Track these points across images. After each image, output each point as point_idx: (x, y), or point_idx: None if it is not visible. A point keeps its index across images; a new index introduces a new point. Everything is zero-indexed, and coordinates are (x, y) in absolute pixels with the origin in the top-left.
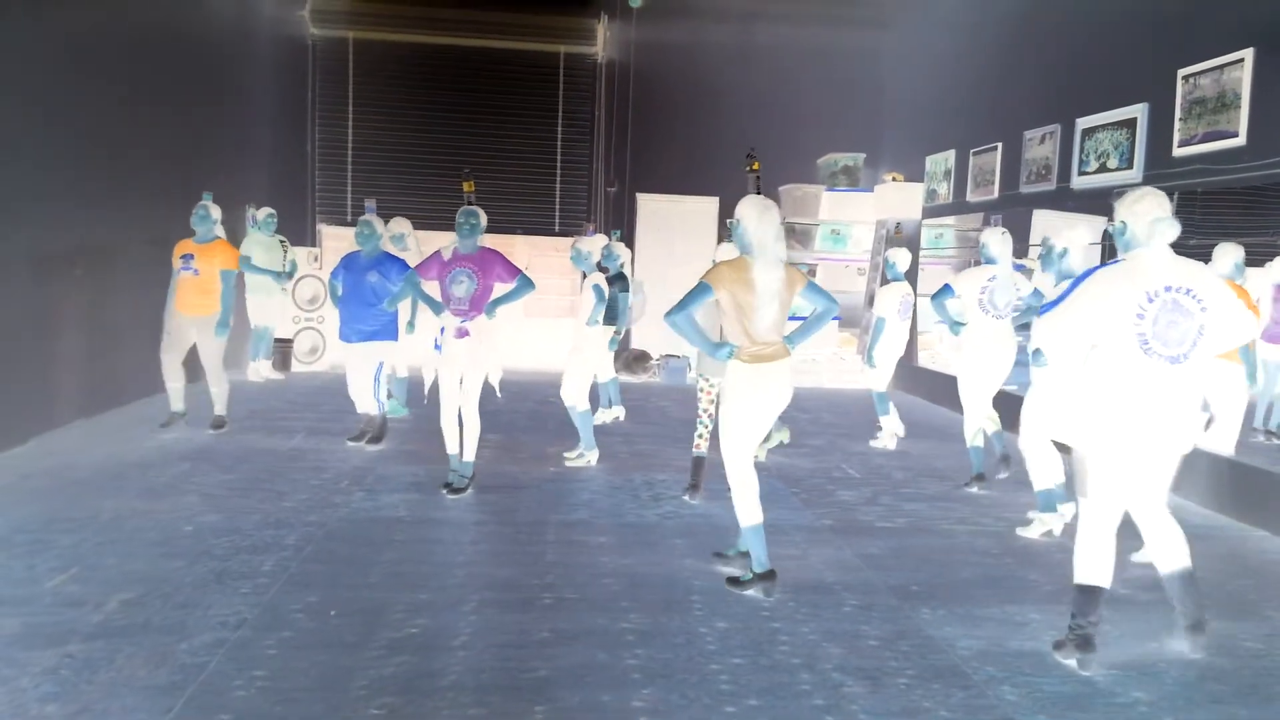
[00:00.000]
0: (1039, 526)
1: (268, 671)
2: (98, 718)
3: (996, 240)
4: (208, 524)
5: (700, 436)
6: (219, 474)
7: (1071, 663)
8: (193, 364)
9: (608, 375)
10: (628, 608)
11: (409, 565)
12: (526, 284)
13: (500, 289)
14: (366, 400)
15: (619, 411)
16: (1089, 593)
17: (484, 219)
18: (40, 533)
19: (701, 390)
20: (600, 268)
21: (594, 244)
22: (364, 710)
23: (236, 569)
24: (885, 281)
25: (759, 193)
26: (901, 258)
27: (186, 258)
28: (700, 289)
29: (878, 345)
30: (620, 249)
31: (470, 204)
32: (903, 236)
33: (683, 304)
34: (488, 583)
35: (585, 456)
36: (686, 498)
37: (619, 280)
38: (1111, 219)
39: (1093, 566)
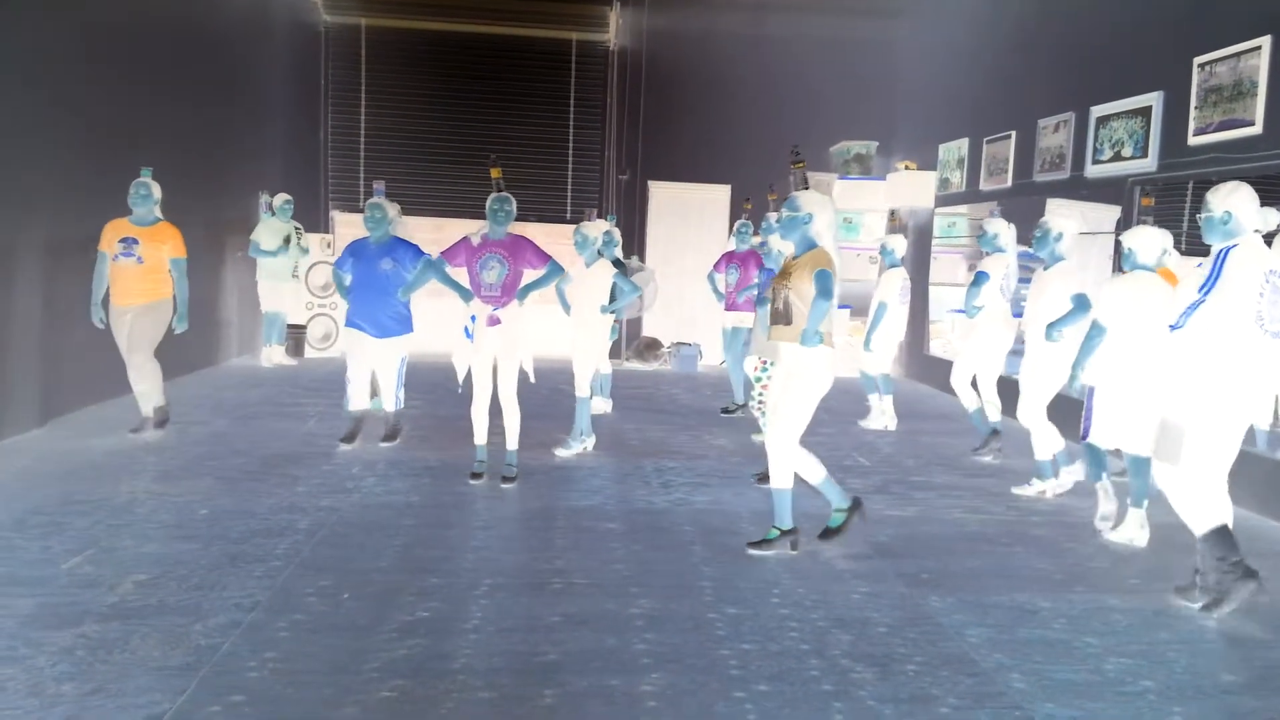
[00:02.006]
0: (1038, 486)
1: (280, 653)
2: (112, 697)
3: (1005, 229)
4: (222, 507)
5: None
6: (233, 458)
7: (1241, 597)
8: (166, 357)
9: (609, 367)
10: (637, 593)
11: (420, 550)
12: (557, 269)
13: (530, 275)
14: (388, 396)
15: (608, 405)
16: (1223, 533)
17: (515, 205)
18: (56, 515)
19: (771, 378)
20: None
21: (598, 229)
22: (375, 692)
23: (250, 552)
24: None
25: (806, 187)
26: (898, 244)
27: (128, 242)
28: (831, 276)
29: (877, 330)
30: (617, 234)
31: (501, 189)
32: (899, 224)
33: (831, 291)
34: (498, 568)
35: (585, 444)
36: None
37: (617, 266)
38: (1205, 210)
39: (1214, 512)
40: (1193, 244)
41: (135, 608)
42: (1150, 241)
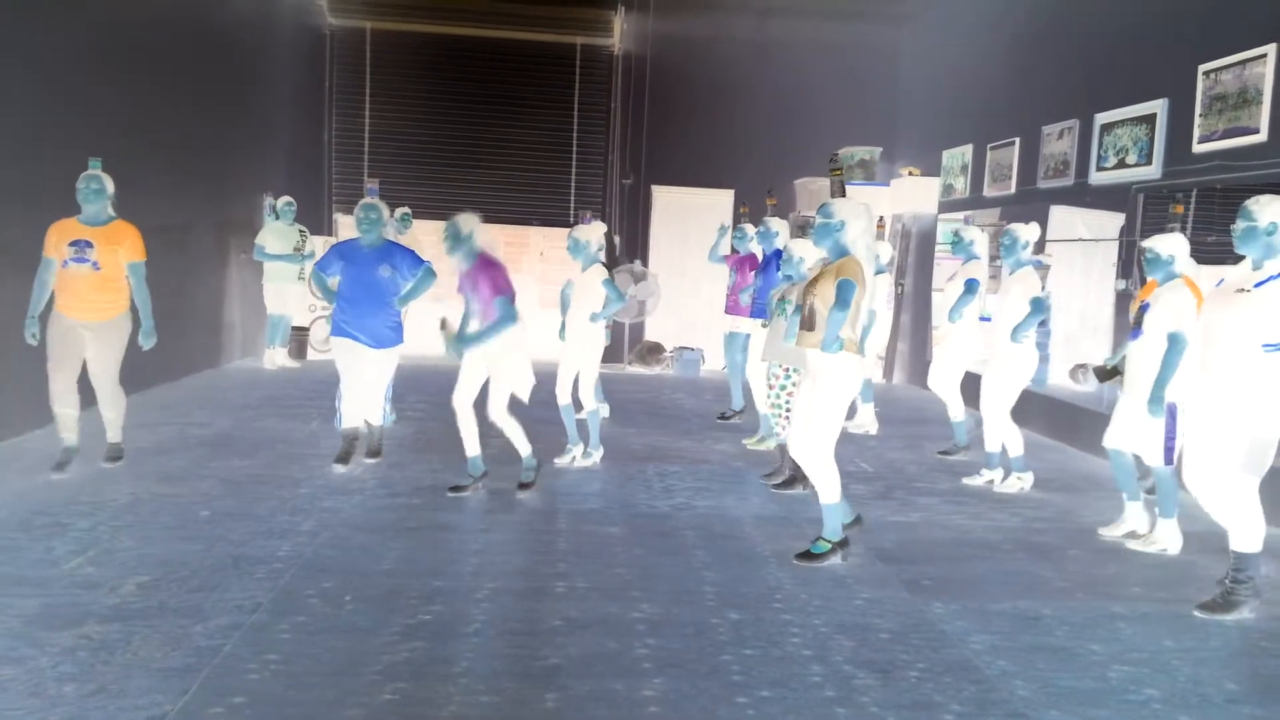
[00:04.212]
0: (983, 478)
1: (282, 655)
2: (114, 698)
3: (982, 238)
4: (224, 509)
5: (784, 428)
6: (236, 460)
7: (1248, 615)
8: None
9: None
10: (639, 597)
11: (422, 552)
12: (506, 318)
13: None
14: (376, 410)
15: (605, 410)
16: (1262, 554)
17: (464, 228)
18: (58, 515)
19: (796, 385)
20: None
21: (592, 233)
22: (377, 695)
23: (252, 554)
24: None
25: (843, 195)
26: (884, 250)
27: (81, 245)
28: (853, 287)
29: (869, 336)
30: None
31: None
32: (883, 230)
33: (849, 301)
34: (500, 571)
35: (571, 453)
36: (800, 489)
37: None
38: (1246, 219)
39: (1263, 531)
40: (1196, 252)
41: (137, 609)
42: (1186, 247)
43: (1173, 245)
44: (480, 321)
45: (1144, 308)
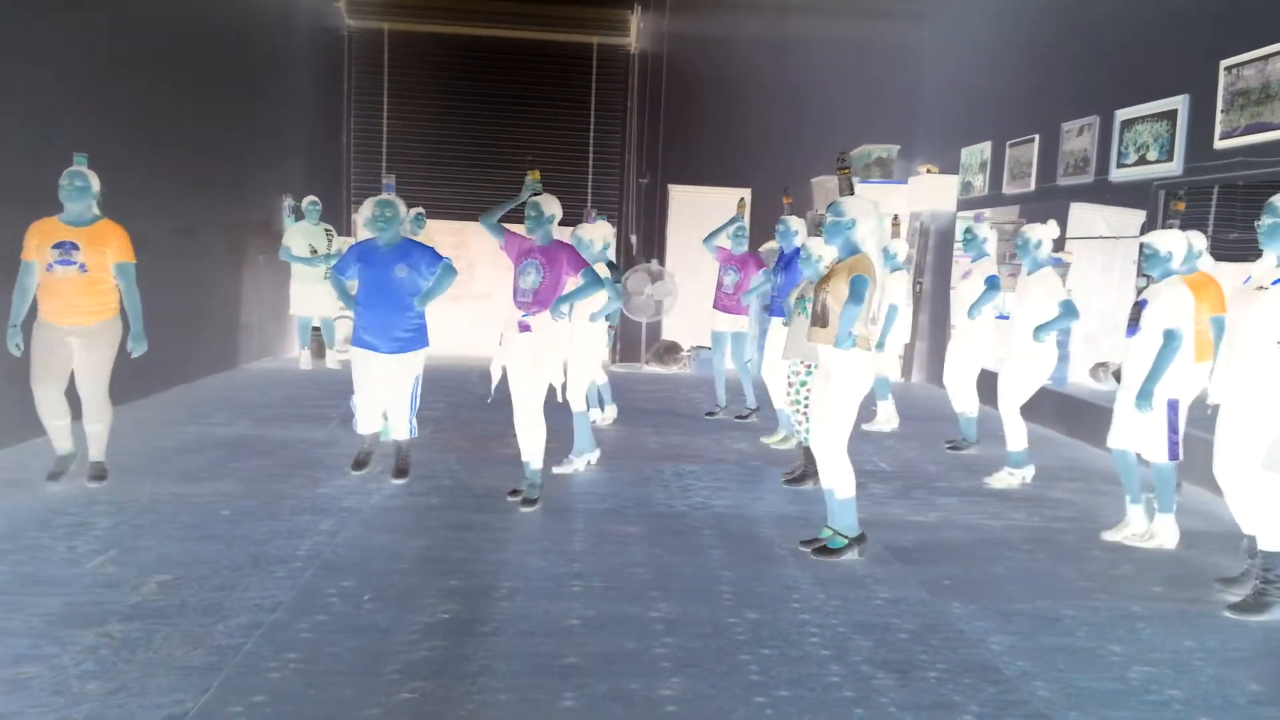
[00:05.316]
0: (1008, 479)
1: (302, 654)
2: (136, 696)
3: (993, 235)
4: (244, 508)
5: (803, 425)
6: (255, 459)
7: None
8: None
9: (604, 376)
10: (657, 597)
11: (440, 552)
12: (594, 279)
13: (572, 285)
14: (401, 423)
15: (612, 413)
16: None
17: (549, 209)
18: (80, 515)
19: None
20: None
21: (596, 232)
22: (396, 694)
23: (272, 553)
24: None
25: (851, 193)
26: (900, 248)
27: (66, 247)
28: (866, 283)
29: (889, 333)
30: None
31: (538, 193)
32: (898, 228)
33: (863, 297)
34: (518, 570)
35: (587, 458)
36: (811, 485)
37: (610, 269)
38: (1278, 216)
39: None
40: (1218, 249)
41: (158, 607)
42: (1183, 245)
43: (1171, 242)
44: (536, 295)
45: (1141, 304)
